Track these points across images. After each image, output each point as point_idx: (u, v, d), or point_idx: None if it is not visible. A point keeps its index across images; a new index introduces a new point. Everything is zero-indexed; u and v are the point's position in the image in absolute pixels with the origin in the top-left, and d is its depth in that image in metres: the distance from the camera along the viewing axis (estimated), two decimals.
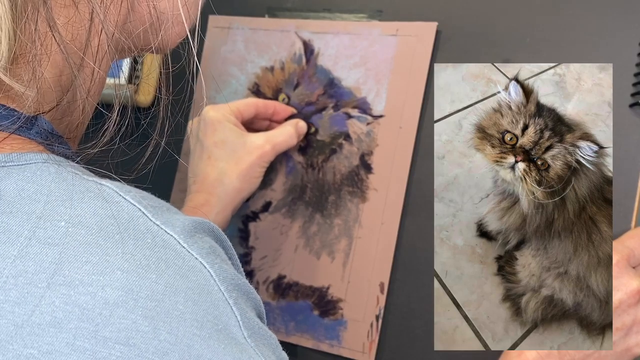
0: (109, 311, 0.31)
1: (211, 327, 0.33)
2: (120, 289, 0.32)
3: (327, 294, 0.71)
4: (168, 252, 0.34)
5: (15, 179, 0.35)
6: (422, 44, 0.70)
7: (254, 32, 0.79)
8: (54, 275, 0.32)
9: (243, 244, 0.76)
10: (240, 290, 0.37)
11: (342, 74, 0.73)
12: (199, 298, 0.34)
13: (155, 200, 0.38)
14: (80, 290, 0.32)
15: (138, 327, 0.31)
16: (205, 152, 0.69)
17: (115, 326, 0.31)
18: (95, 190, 0.36)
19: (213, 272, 0.35)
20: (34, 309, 0.31)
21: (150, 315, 0.32)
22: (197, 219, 0.38)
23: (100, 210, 0.35)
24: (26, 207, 0.34)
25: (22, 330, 0.31)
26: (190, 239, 0.36)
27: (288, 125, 0.72)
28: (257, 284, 0.74)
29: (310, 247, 0.72)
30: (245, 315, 0.36)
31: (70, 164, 0.38)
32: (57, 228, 0.33)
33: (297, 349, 0.72)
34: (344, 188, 0.72)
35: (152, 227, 0.35)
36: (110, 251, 0.33)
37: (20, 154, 0.37)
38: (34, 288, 0.32)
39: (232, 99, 0.79)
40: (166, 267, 0.34)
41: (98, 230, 0.34)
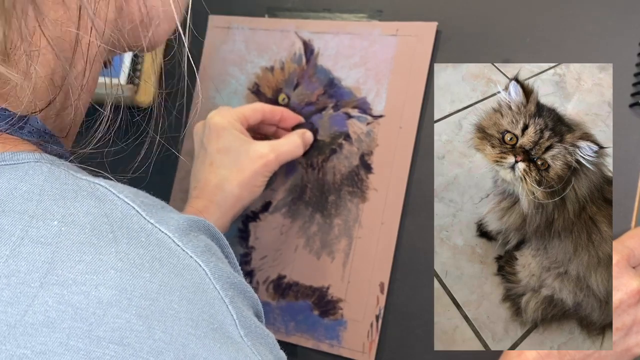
0: (102, 310, 0.31)
1: (207, 325, 0.33)
2: (114, 288, 0.32)
3: (327, 294, 0.71)
4: (162, 251, 0.34)
5: (8, 178, 0.35)
6: (422, 44, 0.70)
7: (254, 32, 0.79)
8: (47, 275, 0.32)
9: (243, 244, 0.76)
10: (236, 288, 0.36)
11: (342, 74, 0.73)
12: (194, 297, 0.34)
13: (149, 198, 0.38)
14: (74, 290, 0.32)
15: (132, 327, 0.31)
16: (208, 158, 0.69)
17: (109, 325, 0.31)
18: (88, 189, 0.36)
19: (208, 271, 0.35)
20: (27, 309, 0.31)
21: (144, 314, 0.32)
22: (192, 217, 0.38)
23: (94, 209, 0.34)
24: (18, 206, 0.34)
25: (15, 330, 0.31)
26: (185, 237, 0.36)
27: (295, 135, 0.71)
28: (257, 284, 0.74)
29: (310, 247, 0.72)
30: (241, 313, 0.35)
31: (64, 163, 0.38)
32: (50, 227, 0.33)
33: (297, 349, 0.72)
34: (344, 188, 0.72)
35: (146, 225, 0.35)
36: (103, 250, 0.33)
37: (13, 154, 0.37)
38: (27, 288, 0.31)
39: (232, 99, 0.79)
40: (160, 266, 0.33)
41: (91, 229, 0.34)
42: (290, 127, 0.74)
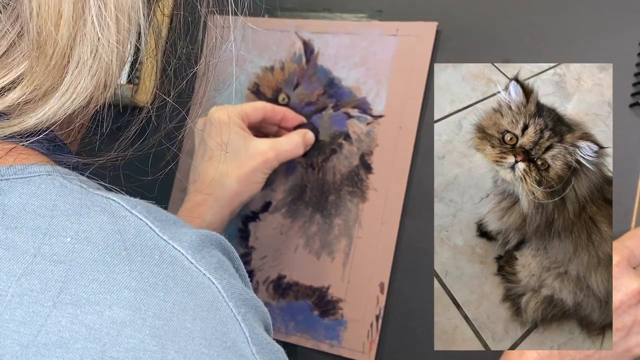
0: (116, 331, 0.31)
1: (220, 344, 0.33)
2: (127, 307, 0.32)
3: (327, 294, 0.71)
4: (176, 269, 0.34)
5: (20, 192, 0.35)
6: (422, 44, 0.70)
7: (254, 32, 0.79)
8: (60, 294, 0.31)
9: (243, 244, 0.76)
10: (248, 304, 0.36)
11: (342, 74, 0.73)
12: (208, 315, 0.33)
13: (162, 213, 0.37)
14: (87, 310, 0.31)
15: (146, 347, 0.31)
16: (208, 152, 0.69)
17: (122, 346, 0.31)
18: (101, 204, 0.35)
19: (221, 288, 0.35)
20: (40, 329, 0.31)
21: (158, 334, 0.31)
22: (204, 232, 0.37)
23: (107, 225, 0.34)
24: (31, 222, 0.34)
25: (27, 351, 0.30)
26: (198, 254, 0.35)
27: (296, 135, 0.71)
28: (257, 284, 0.74)
29: (310, 247, 0.72)
30: (253, 331, 0.35)
31: (76, 175, 0.37)
32: (63, 245, 0.33)
33: (297, 349, 0.72)
34: (344, 188, 0.72)
35: (159, 242, 0.35)
36: (117, 269, 0.33)
37: (24, 166, 0.36)
38: (40, 307, 0.31)
39: (232, 99, 0.79)
40: (174, 285, 0.33)
41: (105, 246, 0.33)
42: (292, 127, 0.74)
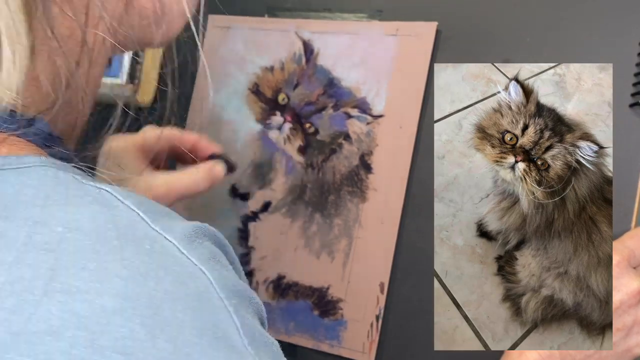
0: (106, 319, 0.31)
1: (210, 335, 0.33)
2: (118, 296, 0.31)
3: (327, 294, 0.71)
4: (167, 259, 0.34)
5: (13, 182, 0.35)
6: (422, 44, 0.70)
7: (253, 32, 0.79)
8: (51, 282, 0.31)
9: (243, 244, 0.76)
10: (240, 296, 0.36)
11: (342, 74, 0.73)
12: (198, 305, 0.33)
13: (154, 205, 0.37)
14: (77, 298, 0.31)
15: (136, 336, 0.31)
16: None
17: (112, 335, 0.31)
18: (93, 194, 0.35)
19: (213, 279, 0.35)
20: (30, 317, 0.30)
21: (148, 323, 0.31)
22: (197, 224, 0.37)
23: (99, 215, 0.34)
24: (23, 211, 0.34)
25: (18, 339, 0.30)
26: (190, 245, 0.35)
27: (200, 169, 0.64)
28: (256, 284, 0.74)
29: (310, 247, 0.72)
30: (245, 322, 0.35)
31: (69, 167, 0.37)
32: (54, 233, 0.33)
33: (297, 349, 0.72)
34: (344, 188, 0.72)
35: (150, 232, 0.35)
36: (108, 257, 0.32)
37: (18, 157, 0.36)
38: (30, 295, 0.31)
39: (232, 99, 0.79)
40: (165, 274, 0.33)
41: (96, 235, 0.33)
42: (205, 157, 0.67)
